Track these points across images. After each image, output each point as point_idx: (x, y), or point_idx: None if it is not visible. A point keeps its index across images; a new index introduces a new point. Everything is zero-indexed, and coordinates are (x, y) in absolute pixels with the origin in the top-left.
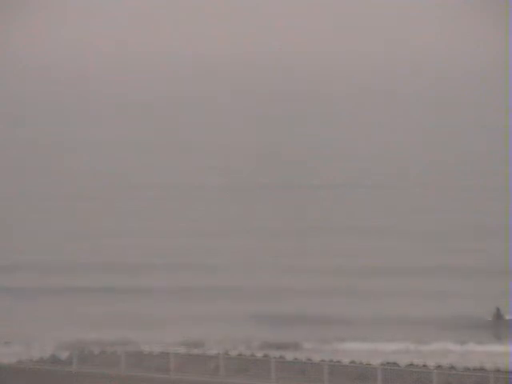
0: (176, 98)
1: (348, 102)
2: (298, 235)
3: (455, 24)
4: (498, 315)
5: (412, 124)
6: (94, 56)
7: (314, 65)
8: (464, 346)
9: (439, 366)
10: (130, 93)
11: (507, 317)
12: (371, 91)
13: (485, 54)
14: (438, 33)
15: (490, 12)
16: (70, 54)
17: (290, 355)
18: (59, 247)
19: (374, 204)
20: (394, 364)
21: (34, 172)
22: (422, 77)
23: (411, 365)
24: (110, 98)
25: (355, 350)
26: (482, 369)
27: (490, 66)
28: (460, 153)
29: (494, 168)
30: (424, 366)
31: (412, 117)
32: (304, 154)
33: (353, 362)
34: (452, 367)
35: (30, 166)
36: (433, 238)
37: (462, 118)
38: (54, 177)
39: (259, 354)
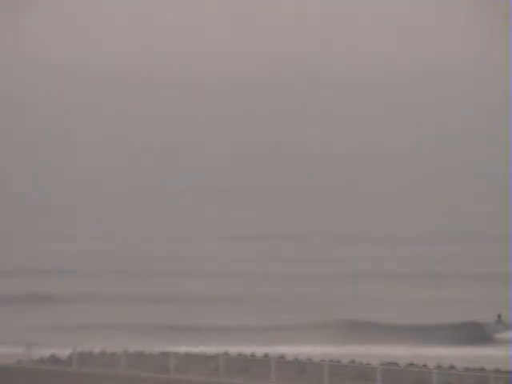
0: (179, 100)
1: (347, 104)
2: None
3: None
4: (500, 321)
5: (410, 126)
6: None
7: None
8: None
9: (439, 366)
10: (130, 95)
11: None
12: (371, 89)
13: (485, 54)
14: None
15: (490, 12)
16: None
17: (289, 355)
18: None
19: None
20: (394, 364)
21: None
22: (421, 77)
23: (411, 365)
24: (113, 99)
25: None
26: (482, 369)
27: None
28: (459, 155)
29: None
30: (424, 365)
31: (411, 118)
32: (310, 156)
33: (352, 361)
34: (452, 367)
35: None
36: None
37: (462, 119)
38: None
39: (259, 354)
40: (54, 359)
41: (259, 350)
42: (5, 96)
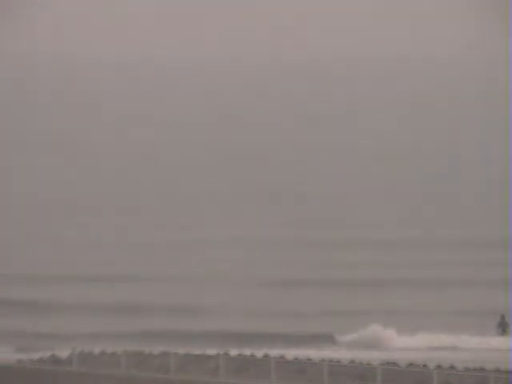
0: (177, 103)
1: (349, 106)
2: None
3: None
4: (503, 322)
5: (410, 128)
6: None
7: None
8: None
9: (439, 366)
10: (130, 96)
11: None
12: (371, 89)
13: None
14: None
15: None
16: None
17: (290, 355)
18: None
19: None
20: (394, 364)
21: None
22: (421, 77)
23: (411, 365)
24: (110, 102)
25: None
26: (482, 369)
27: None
28: (459, 157)
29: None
30: (424, 365)
31: (409, 118)
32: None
33: (352, 361)
34: (452, 367)
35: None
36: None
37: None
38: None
39: (259, 354)
40: (54, 359)
41: (259, 350)
42: (6, 95)
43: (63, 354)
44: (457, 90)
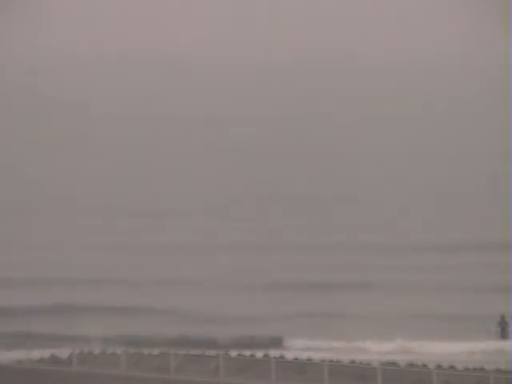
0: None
1: (352, 106)
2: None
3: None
4: (503, 322)
5: (410, 128)
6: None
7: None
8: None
9: (439, 366)
10: (130, 94)
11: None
12: (372, 91)
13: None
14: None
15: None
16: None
17: (290, 355)
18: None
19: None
20: (394, 364)
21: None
22: (421, 77)
23: (411, 365)
24: (107, 104)
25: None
26: (481, 369)
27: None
28: (460, 155)
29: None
30: (424, 365)
31: (409, 119)
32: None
33: (353, 361)
34: (452, 367)
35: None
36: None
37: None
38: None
39: (259, 354)
40: (54, 359)
41: (259, 351)
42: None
43: (63, 353)
44: (457, 89)
